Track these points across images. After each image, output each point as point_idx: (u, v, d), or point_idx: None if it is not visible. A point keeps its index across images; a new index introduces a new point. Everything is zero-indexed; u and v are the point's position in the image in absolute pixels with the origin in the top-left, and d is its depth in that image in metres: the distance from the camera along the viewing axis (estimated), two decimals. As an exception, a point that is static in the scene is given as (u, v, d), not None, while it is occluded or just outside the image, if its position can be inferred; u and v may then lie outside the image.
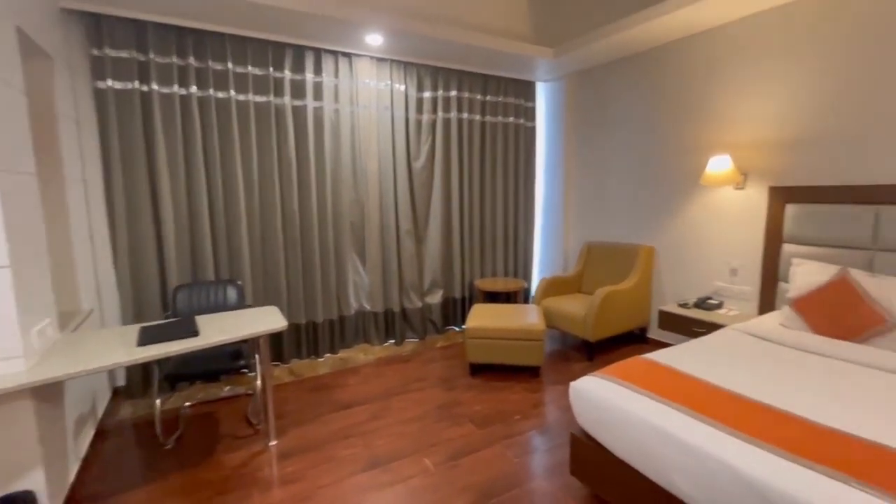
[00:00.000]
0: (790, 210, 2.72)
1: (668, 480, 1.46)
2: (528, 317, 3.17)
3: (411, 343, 3.90)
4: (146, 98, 2.79)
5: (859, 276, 2.22)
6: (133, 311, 2.83)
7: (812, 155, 2.66)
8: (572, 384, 1.85)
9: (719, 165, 2.92)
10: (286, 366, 3.37)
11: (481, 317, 3.18)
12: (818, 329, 2.27)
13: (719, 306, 3.05)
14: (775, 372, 1.84)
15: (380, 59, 3.57)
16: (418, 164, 3.86)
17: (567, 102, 4.27)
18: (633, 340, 3.75)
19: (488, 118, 4.18)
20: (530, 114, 4.46)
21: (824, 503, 1.10)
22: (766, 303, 2.87)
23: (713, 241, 3.23)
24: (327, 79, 3.36)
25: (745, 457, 1.29)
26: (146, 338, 1.91)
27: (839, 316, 2.21)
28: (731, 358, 2.01)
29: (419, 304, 3.94)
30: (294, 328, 3.41)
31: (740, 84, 2.98)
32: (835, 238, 2.51)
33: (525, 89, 4.38)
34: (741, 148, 2.99)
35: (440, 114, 3.88)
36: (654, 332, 3.70)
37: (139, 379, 2.88)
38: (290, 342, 3.41)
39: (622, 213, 3.90)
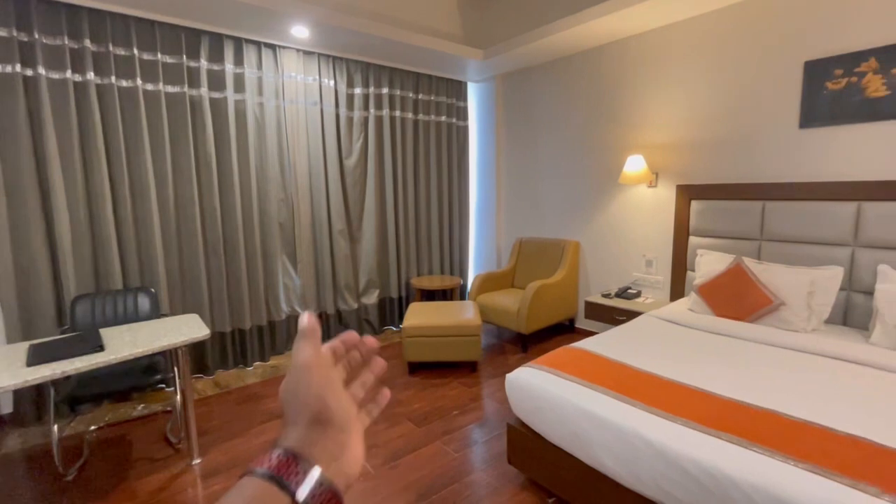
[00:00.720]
0: (695, 206, 3.01)
1: (597, 460, 1.55)
2: (464, 313, 3.22)
3: (347, 345, 3.80)
4: (31, 83, 2.45)
5: (750, 264, 2.52)
6: (21, 326, 2.47)
7: (711, 156, 2.97)
8: (508, 376, 1.91)
9: (634, 165, 3.16)
10: (210, 378, 3.13)
11: (418, 315, 3.18)
12: (719, 311, 2.54)
13: (637, 295, 3.31)
14: (685, 353, 2.03)
15: (307, 53, 3.43)
16: (350, 162, 3.77)
17: (497, 102, 4.40)
18: (564, 331, 3.96)
19: (421, 116, 4.18)
20: (462, 113, 4.53)
21: (731, 468, 1.24)
22: (677, 290, 3.16)
23: (631, 235, 3.49)
24: (249, 70, 3.17)
25: (661, 431, 1.41)
26: (37, 356, 1.68)
27: (735, 299, 2.49)
28: (649, 342, 2.19)
29: (355, 306, 3.85)
30: (219, 337, 3.18)
31: (651, 89, 3.25)
32: (731, 230, 2.82)
33: (457, 89, 4.45)
34: (653, 149, 3.26)
35: (372, 111, 3.81)
36: (582, 322, 3.93)
37: (31, 404, 2.53)
38: (215, 352, 3.18)
39: (551, 210, 4.10)
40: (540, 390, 1.77)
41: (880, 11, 2.26)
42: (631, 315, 3.01)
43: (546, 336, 3.83)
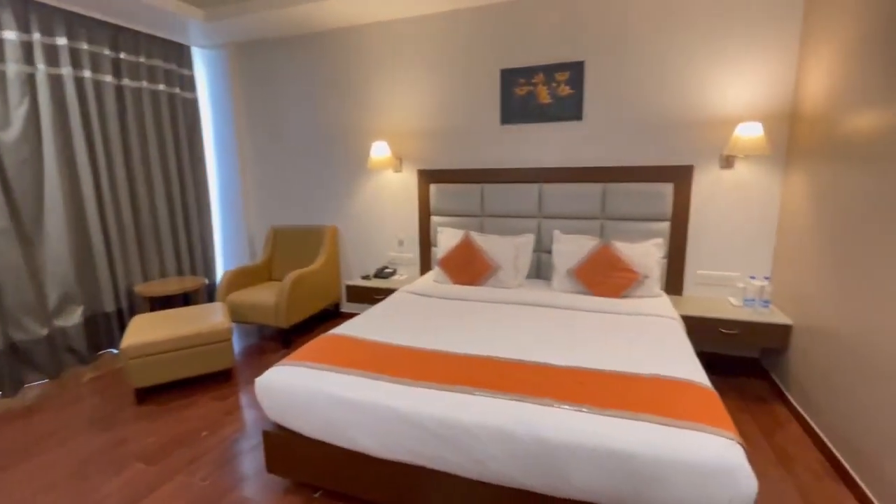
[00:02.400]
0: (433, 189, 3.38)
1: (353, 441, 1.57)
2: (209, 317, 2.78)
3: (37, 387, 2.80)
4: None
5: (475, 237, 2.99)
6: None
7: (442, 145, 3.37)
8: (257, 381, 1.73)
9: (379, 151, 3.31)
10: None
11: (144, 330, 2.58)
12: (456, 279, 2.95)
13: (393, 273, 3.53)
14: (430, 321, 2.26)
15: None
16: (10, 136, 2.70)
17: (233, 75, 3.88)
18: (328, 317, 3.91)
19: (127, 82, 3.32)
20: (188, 83, 3.82)
21: (461, 415, 1.42)
22: (425, 265, 3.52)
23: (384, 218, 3.68)
24: None
25: (404, 398, 1.51)
26: None
27: (467, 267, 2.92)
28: (400, 316, 2.35)
29: (44, 332, 2.84)
30: None
31: (391, 78, 3.43)
32: (461, 209, 3.29)
33: (177, 53, 3.71)
34: (395, 135, 3.48)
35: (42, 67, 2.80)
36: (346, 306, 3.97)
37: None
38: None
39: (306, 196, 3.93)
40: (292, 388, 1.66)
41: (545, 37, 2.95)
42: (388, 293, 3.18)
43: (310, 326, 3.70)
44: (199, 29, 3.45)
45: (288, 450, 1.74)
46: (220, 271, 4.23)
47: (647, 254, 2.64)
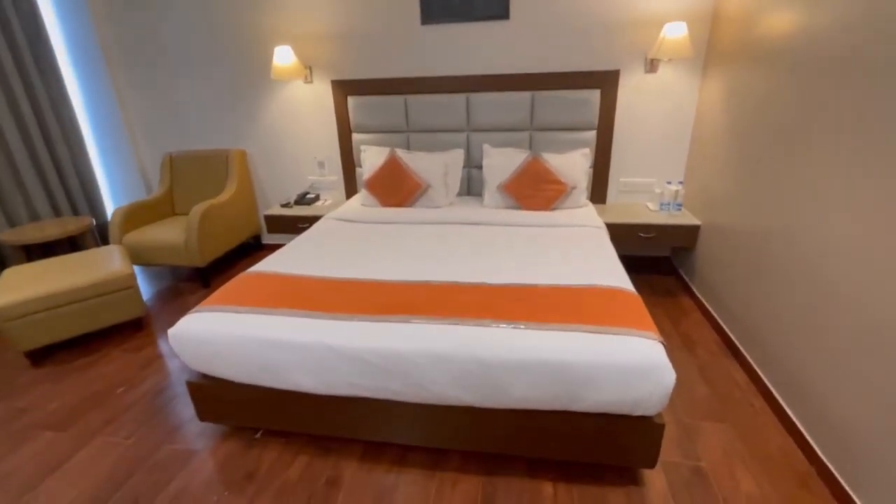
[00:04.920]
0: (351, 102, 3.04)
1: (291, 382, 1.49)
2: (104, 263, 2.43)
3: None
4: None
5: (402, 154, 2.80)
6: None
7: (356, 51, 2.97)
8: (170, 332, 1.56)
9: (284, 58, 2.86)
10: None
11: (20, 285, 2.20)
12: (385, 202, 2.80)
13: (316, 199, 3.28)
14: (360, 248, 2.14)
15: None
16: None
17: (76, -42, 3.03)
18: (250, 250, 3.64)
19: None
20: (13, -33, 2.92)
21: (399, 345, 1.38)
22: (350, 188, 3.29)
23: (299, 137, 3.31)
24: None
25: (341, 334, 1.43)
26: None
27: (395, 188, 2.76)
28: (327, 246, 2.20)
29: None
30: None
31: (285, -33, 2.86)
32: (384, 124, 3.02)
33: (-16, -79, 2.77)
34: (302, 39, 3.00)
35: None
36: (268, 238, 3.69)
37: None
38: None
39: (202, 114, 3.39)
40: (213, 335, 1.52)
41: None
42: (313, 221, 2.96)
43: (230, 262, 3.43)
44: None
45: (218, 397, 1.64)
46: (110, 208, 3.67)
47: (575, 164, 2.65)
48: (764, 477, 1.49)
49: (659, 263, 3.09)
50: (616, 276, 1.74)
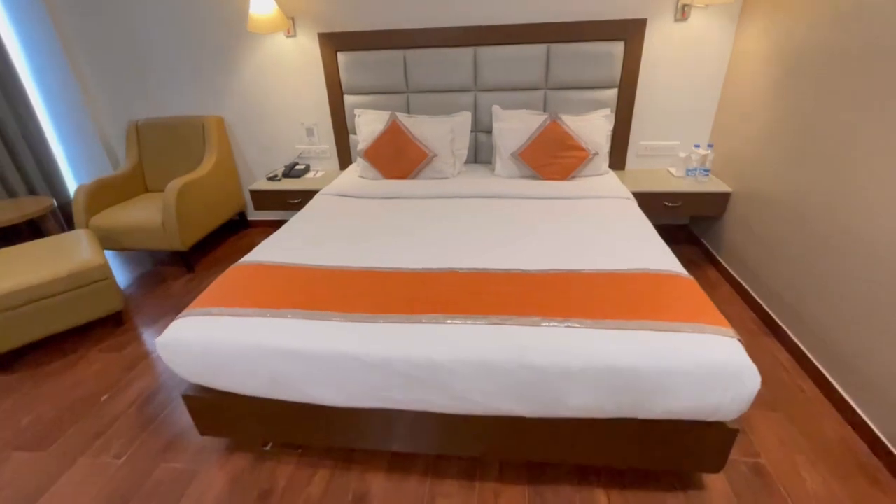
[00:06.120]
0: (342, 59, 2.68)
1: (305, 395, 1.29)
2: (70, 252, 2.13)
3: None
4: None
5: (404, 119, 2.50)
6: None
7: (346, -4, 2.59)
8: (158, 341, 1.31)
9: (261, 6, 2.46)
10: None
11: (-27, 282, 1.90)
12: (387, 173, 2.52)
13: (307, 170, 2.96)
14: (365, 229, 1.89)
15: None
16: None
17: None
18: (236, 228, 3.34)
19: None
20: None
21: (434, 353, 1.18)
22: (344, 158, 2.98)
23: (282, 100, 2.94)
24: None
25: (365, 342, 1.21)
26: None
27: (397, 158, 2.48)
28: (328, 227, 1.94)
29: None
30: None
31: None
32: (381, 84, 2.69)
33: None
34: (280, -15, 2.60)
35: None
36: (255, 214, 3.38)
37: None
38: None
39: (170, 76, 2.97)
40: (211, 344, 1.28)
41: None
42: (305, 196, 2.68)
43: (215, 242, 3.13)
44: None
45: (220, 411, 1.43)
46: (72, 187, 3.29)
47: (596, 127, 2.40)
48: (828, 473, 1.37)
49: (674, 232, 2.92)
50: (665, 258, 1.55)
